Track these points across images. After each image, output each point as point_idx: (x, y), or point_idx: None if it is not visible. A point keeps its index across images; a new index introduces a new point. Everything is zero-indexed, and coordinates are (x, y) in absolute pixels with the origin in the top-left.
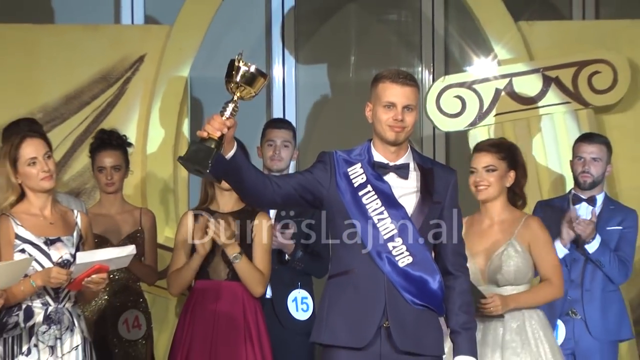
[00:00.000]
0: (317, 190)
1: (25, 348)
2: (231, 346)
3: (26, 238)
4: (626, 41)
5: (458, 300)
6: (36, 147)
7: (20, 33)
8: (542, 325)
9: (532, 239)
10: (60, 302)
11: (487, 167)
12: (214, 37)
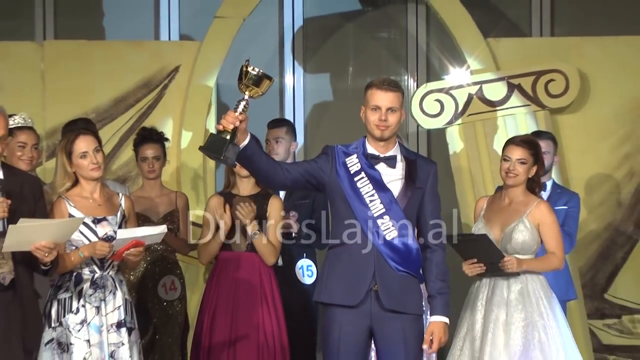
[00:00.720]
0: (320, 177)
1: (75, 308)
2: (249, 306)
3: (77, 216)
4: (576, 55)
5: (435, 270)
6: (87, 143)
7: (77, 48)
8: (543, 288)
9: (541, 219)
10: (105, 270)
11: (520, 160)
12: (236, 51)
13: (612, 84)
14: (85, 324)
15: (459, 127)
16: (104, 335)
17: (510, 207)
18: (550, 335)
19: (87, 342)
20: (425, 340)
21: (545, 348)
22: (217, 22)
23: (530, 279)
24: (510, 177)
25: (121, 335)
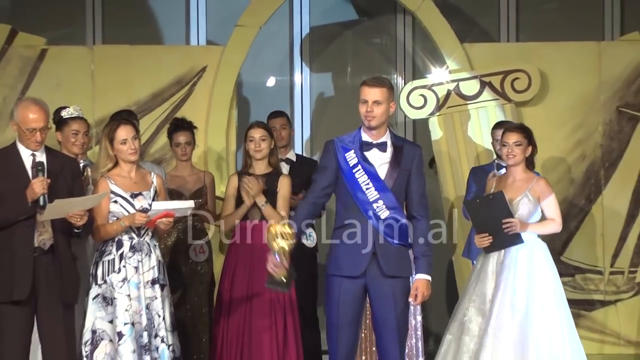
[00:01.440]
0: (331, 178)
1: (117, 268)
2: (263, 267)
3: (118, 192)
4: (537, 57)
5: (420, 235)
6: (127, 131)
7: (121, 51)
8: (545, 253)
9: (541, 193)
10: (141, 237)
11: (516, 142)
12: (254, 54)
13: (566, 81)
14: (126, 282)
15: (439, 117)
16: (141, 290)
17: (514, 184)
18: (551, 298)
19: (127, 296)
20: (411, 295)
21: (547, 309)
22: (237, 29)
23: (535, 247)
24: (510, 158)
25: (155, 291)
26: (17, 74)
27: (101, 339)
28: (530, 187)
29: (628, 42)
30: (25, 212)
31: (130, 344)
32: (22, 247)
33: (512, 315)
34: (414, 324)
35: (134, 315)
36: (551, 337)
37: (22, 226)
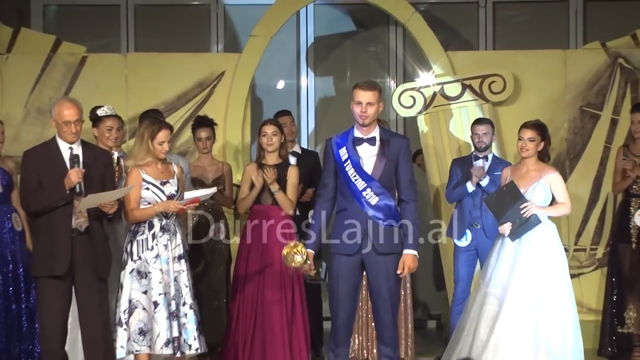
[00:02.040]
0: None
1: (150, 246)
2: (274, 244)
3: (149, 181)
4: (511, 63)
5: (408, 216)
6: (166, 135)
7: (150, 58)
8: (555, 234)
9: (552, 181)
10: (169, 218)
11: (530, 138)
12: (266, 60)
13: (536, 84)
14: (158, 258)
15: (426, 115)
16: (170, 265)
17: (528, 174)
18: (562, 280)
19: (160, 270)
20: (399, 268)
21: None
22: (251, 39)
23: (548, 229)
24: (523, 151)
25: (181, 265)
26: (61, 78)
27: (135, 307)
28: (542, 176)
29: (590, 50)
30: (64, 199)
31: (164, 311)
32: (61, 229)
33: (526, 300)
34: (403, 294)
35: (165, 286)
36: (558, 317)
37: (61, 211)
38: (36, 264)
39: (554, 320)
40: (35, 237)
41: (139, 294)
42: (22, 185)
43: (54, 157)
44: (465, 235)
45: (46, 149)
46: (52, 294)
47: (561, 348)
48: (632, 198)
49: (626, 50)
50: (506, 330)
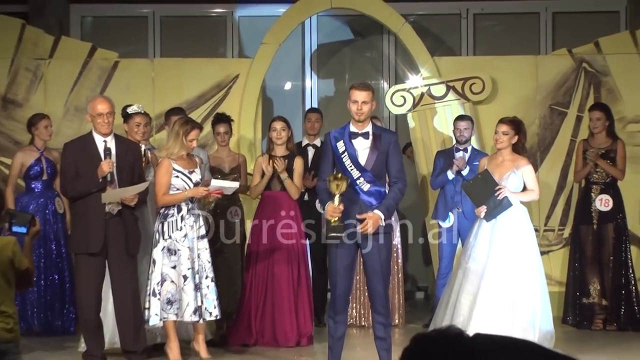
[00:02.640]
0: (331, 164)
1: (179, 226)
2: (284, 224)
3: (179, 170)
4: (489, 67)
5: (392, 193)
6: (196, 134)
7: (174, 63)
8: (527, 217)
9: (523, 170)
10: (194, 203)
11: (504, 132)
12: (275, 64)
13: (511, 86)
14: (186, 237)
15: (414, 113)
16: (195, 243)
17: (503, 164)
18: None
19: (188, 248)
20: (363, 225)
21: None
22: (262, 46)
23: (519, 213)
24: (498, 143)
25: (204, 243)
26: (96, 80)
27: (165, 280)
28: (516, 166)
29: (558, 56)
30: (97, 186)
31: (192, 283)
32: (95, 212)
33: (502, 275)
34: (396, 269)
35: (192, 262)
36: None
37: (96, 196)
38: (74, 242)
39: (526, 292)
40: (73, 218)
41: (169, 269)
42: (62, 173)
43: (89, 149)
44: (449, 218)
45: (83, 142)
46: (88, 268)
47: (532, 316)
48: (592, 185)
49: (590, 56)
50: (486, 302)
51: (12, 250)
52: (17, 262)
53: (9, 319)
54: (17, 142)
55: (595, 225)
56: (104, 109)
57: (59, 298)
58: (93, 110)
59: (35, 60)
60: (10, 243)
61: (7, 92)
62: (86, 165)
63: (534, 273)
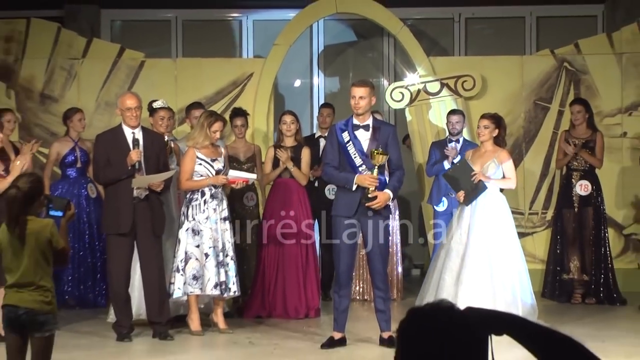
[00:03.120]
0: (337, 153)
1: (202, 209)
2: (293, 208)
3: (203, 158)
4: (479, 66)
5: (394, 178)
6: (219, 126)
7: (195, 62)
8: (504, 202)
9: (502, 160)
10: (216, 188)
11: (485, 126)
12: (286, 63)
13: (499, 83)
14: (208, 219)
15: (412, 107)
16: (218, 224)
17: (485, 154)
18: (510, 236)
19: (210, 229)
20: (375, 202)
21: (507, 245)
22: (275, 47)
23: (497, 200)
24: (479, 136)
25: (226, 225)
26: (125, 78)
27: (190, 258)
28: (495, 156)
29: (541, 56)
30: (126, 173)
31: (214, 260)
32: (125, 196)
33: (482, 254)
34: (394, 248)
35: (214, 241)
36: (509, 266)
37: (125, 182)
38: (106, 224)
39: (506, 269)
40: (105, 202)
41: (193, 247)
42: (94, 161)
43: (119, 140)
44: (442, 202)
45: (114, 133)
46: (119, 247)
47: (513, 291)
48: (573, 172)
49: (570, 56)
50: (469, 279)
51: (50, 231)
52: (55, 242)
53: (48, 292)
54: (53, 134)
55: (576, 209)
56: (133, 103)
57: (91, 274)
58: (123, 105)
59: (70, 60)
60: (49, 225)
61: (45, 88)
62: (116, 155)
63: (512, 251)
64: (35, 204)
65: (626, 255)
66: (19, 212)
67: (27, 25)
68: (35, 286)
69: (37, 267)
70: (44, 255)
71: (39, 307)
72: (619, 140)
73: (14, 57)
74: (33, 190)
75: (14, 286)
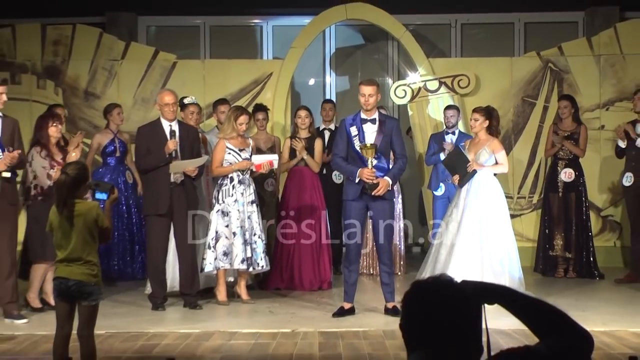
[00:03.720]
0: (346, 145)
1: (231, 193)
2: (307, 192)
3: (231, 148)
4: (474, 66)
5: (396, 166)
6: (245, 119)
7: (221, 63)
8: (497, 186)
9: (494, 148)
10: (244, 174)
11: (475, 118)
12: (301, 64)
13: (491, 81)
14: (236, 202)
15: (413, 103)
16: (245, 207)
17: (479, 143)
18: (502, 216)
19: (238, 211)
20: (377, 189)
21: (499, 224)
22: (291, 50)
23: (490, 184)
24: (472, 128)
25: (253, 207)
26: (158, 77)
27: (220, 236)
28: (487, 145)
29: (529, 57)
30: (164, 161)
31: (241, 238)
32: (163, 181)
33: (473, 229)
34: (398, 228)
35: (242, 222)
36: (499, 241)
37: (163, 169)
38: (146, 206)
39: (495, 244)
40: (145, 187)
41: (223, 227)
42: (136, 150)
43: (158, 131)
44: (440, 187)
45: (153, 126)
46: (157, 227)
47: (501, 265)
48: (559, 160)
49: (554, 57)
50: (460, 253)
51: (96, 212)
52: (100, 222)
53: (94, 266)
54: (95, 126)
55: (560, 193)
56: (170, 100)
57: (129, 251)
58: (161, 101)
59: (110, 61)
60: (95, 207)
61: (88, 86)
62: (155, 145)
63: (503, 229)
64: (81, 188)
65: (604, 235)
66: (67, 195)
67: (73, 30)
68: (82, 261)
69: (84, 244)
70: (91, 234)
71: (87, 279)
72: (598, 132)
73: (62, 58)
74: (79, 176)
75: (64, 261)
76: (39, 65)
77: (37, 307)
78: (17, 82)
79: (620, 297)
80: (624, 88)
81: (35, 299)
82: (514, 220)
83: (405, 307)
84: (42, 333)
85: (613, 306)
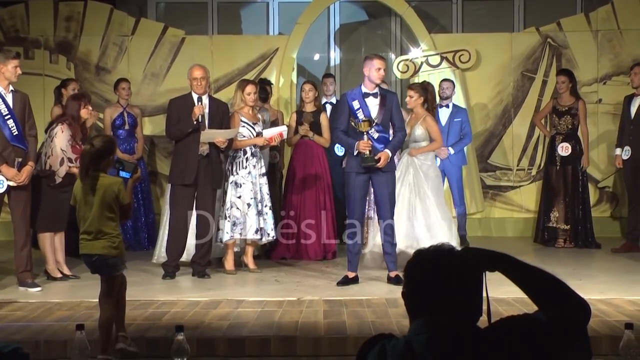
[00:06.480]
0: (347, 119)
1: (244, 166)
2: (314, 166)
3: (245, 121)
4: (474, 42)
5: (395, 139)
6: (252, 88)
7: (228, 39)
8: (433, 162)
9: (427, 124)
10: (256, 147)
11: (410, 95)
12: (307, 39)
13: (492, 56)
14: (249, 174)
15: (416, 78)
16: (257, 179)
17: (414, 118)
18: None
19: (251, 182)
20: (380, 162)
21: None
22: (297, 26)
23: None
24: (409, 104)
25: (264, 179)
26: (168, 52)
27: (232, 207)
28: (420, 120)
29: (528, 33)
30: (191, 126)
31: (254, 209)
32: (191, 153)
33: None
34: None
35: (255, 194)
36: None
37: (191, 141)
38: (173, 175)
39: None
40: (174, 157)
41: (236, 198)
42: (167, 120)
43: (188, 103)
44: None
45: (183, 98)
46: (182, 196)
47: (441, 231)
48: (557, 135)
49: (553, 33)
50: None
51: (118, 188)
52: (121, 198)
53: (114, 239)
54: (106, 100)
55: (558, 166)
56: (199, 74)
57: (135, 221)
58: (191, 75)
59: (121, 37)
60: (118, 182)
61: (99, 61)
62: (185, 115)
63: (437, 202)
64: (104, 161)
65: (600, 206)
66: (89, 165)
67: (84, 6)
68: (102, 234)
69: (101, 216)
70: (110, 208)
71: (108, 252)
72: (595, 106)
73: (73, 34)
74: (104, 148)
75: (84, 233)
76: (51, 41)
77: (58, 277)
78: (31, 57)
79: (617, 266)
80: (621, 63)
81: (55, 269)
82: (514, 192)
83: (409, 273)
84: (56, 300)
85: (610, 275)
